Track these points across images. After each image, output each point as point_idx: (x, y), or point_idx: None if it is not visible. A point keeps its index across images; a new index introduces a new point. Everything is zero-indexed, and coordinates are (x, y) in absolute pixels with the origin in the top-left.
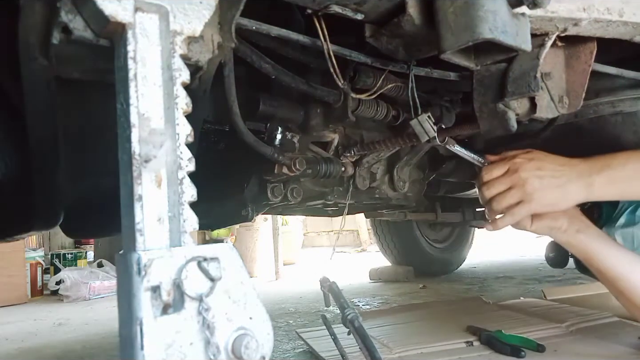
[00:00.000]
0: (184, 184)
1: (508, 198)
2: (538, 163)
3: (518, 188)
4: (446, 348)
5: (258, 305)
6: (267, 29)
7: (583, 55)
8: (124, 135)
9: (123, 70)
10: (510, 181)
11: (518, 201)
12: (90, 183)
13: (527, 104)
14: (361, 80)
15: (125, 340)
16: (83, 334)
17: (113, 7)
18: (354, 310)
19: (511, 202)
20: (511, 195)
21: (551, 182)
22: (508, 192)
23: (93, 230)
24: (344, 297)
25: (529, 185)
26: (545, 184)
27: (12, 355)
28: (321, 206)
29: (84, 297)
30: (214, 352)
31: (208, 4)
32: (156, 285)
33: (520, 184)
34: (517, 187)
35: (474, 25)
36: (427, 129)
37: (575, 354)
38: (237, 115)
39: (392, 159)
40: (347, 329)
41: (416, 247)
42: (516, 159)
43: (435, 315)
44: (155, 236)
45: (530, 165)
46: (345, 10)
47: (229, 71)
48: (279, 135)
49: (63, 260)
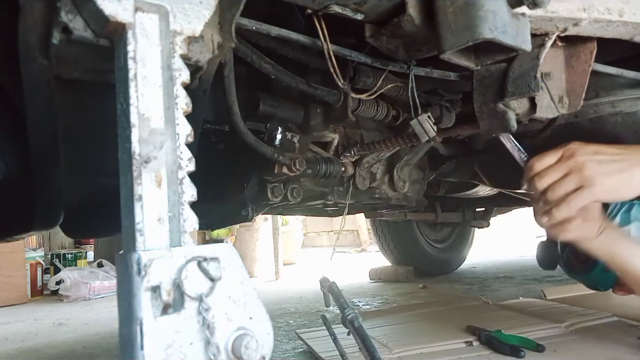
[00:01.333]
0: (184, 184)
1: (564, 185)
2: (596, 147)
3: (575, 173)
4: (446, 348)
5: (258, 305)
6: (267, 29)
7: (583, 55)
8: (124, 135)
9: (123, 70)
10: (567, 167)
11: (576, 187)
12: (90, 183)
13: (527, 104)
14: (361, 80)
15: (125, 340)
16: (83, 334)
17: (113, 7)
18: (354, 310)
19: (568, 188)
20: (568, 181)
21: (613, 167)
22: (564, 179)
23: (93, 230)
24: (344, 297)
25: (587, 168)
26: (606, 168)
27: (12, 355)
28: (321, 206)
29: (84, 297)
30: (214, 352)
31: (208, 4)
32: (156, 285)
33: (578, 168)
34: (575, 171)
35: (474, 25)
36: (427, 129)
37: (574, 353)
38: (237, 115)
39: (392, 159)
40: (347, 329)
41: (416, 247)
42: (570, 145)
43: (435, 315)
44: (155, 236)
45: (587, 149)
46: (345, 10)
47: (229, 71)
48: (279, 135)
49: (63, 260)
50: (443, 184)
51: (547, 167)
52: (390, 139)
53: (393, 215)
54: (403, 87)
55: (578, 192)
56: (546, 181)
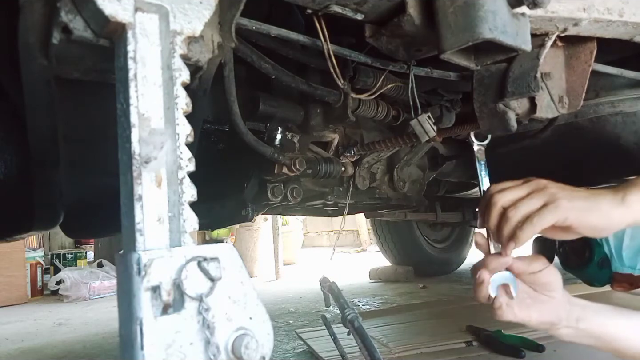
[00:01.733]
0: (184, 184)
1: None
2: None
3: (540, 191)
4: (446, 348)
5: (258, 305)
6: (267, 29)
7: (583, 55)
8: (124, 135)
9: (123, 70)
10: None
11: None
12: (90, 183)
13: (527, 104)
14: (361, 80)
15: (125, 340)
16: (83, 334)
17: (113, 7)
18: (353, 310)
19: (533, 206)
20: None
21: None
22: (528, 197)
23: (93, 230)
24: (344, 298)
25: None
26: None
27: (12, 356)
28: (321, 206)
29: (84, 297)
30: (214, 352)
31: (208, 4)
32: (156, 285)
33: (542, 188)
34: (539, 190)
35: (474, 25)
36: (427, 129)
37: (574, 353)
38: (237, 115)
39: (392, 159)
40: (347, 329)
41: (416, 247)
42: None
43: (435, 315)
44: (155, 236)
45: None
46: (345, 10)
47: (229, 71)
48: (279, 135)
49: (63, 260)
50: (443, 184)
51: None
52: (390, 139)
53: (393, 215)
54: (403, 87)
55: (544, 209)
56: (508, 197)
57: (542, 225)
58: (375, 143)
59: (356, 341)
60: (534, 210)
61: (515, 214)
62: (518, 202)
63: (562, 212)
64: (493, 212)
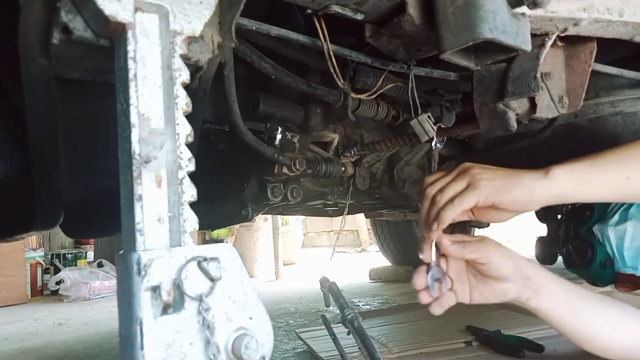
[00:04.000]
0: (184, 184)
1: (453, 186)
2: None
3: (463, 174)
4: (445, 348)
5: (258, 305)
6: (267, 29)
7: (583, 55)
8: (124, 135)
9: (123, 70)
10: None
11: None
12: (90, 183)
13: (527, 104)
14: (361, 80)
15: (125, 340)
16: (83, 334)
17: (113, 7)
18: (353, 310)
19: (457, 188)
20: (456, 182)
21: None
22: (452, 182)
23: (93, 230)
24: (344, 297)
25: (476, 171)
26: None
27: (12, 355)
28: (321, 206)
29: (84, 297)
30: (214, 352)
31: (208, 4)
32: (156, 285)
33: (464, 170)
34: (462, 173)
35: (474, 25)
36: (427, 129)
37: (574, 353)
38: (237, 115)
39: (392, 159)
40: (347, 329)
41: (416, 247)
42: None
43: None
44: (155, 236)
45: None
46: (345, 10)
47: (229, 71)
48: (279, 135)
49: (63, 260)
50: None
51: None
52: (390, 139)
53: (393, 215)
54: (403, 87)
55: (465, 191)
56: (436, 186)
57: (463, 206)
58: (375, 143)
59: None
60: (457, 192)
61: (441, 198)
62: (445, 188)
63: (482, 191)
64: (425, 203)
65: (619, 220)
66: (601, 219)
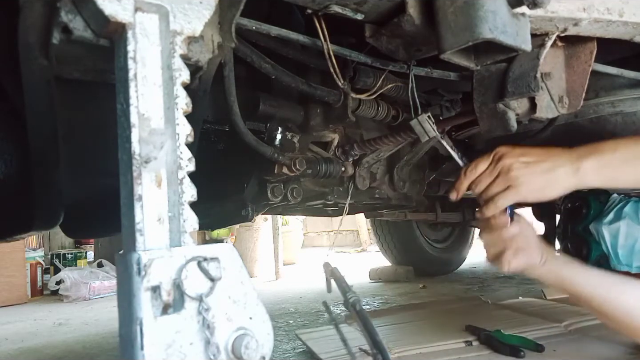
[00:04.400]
0: (184, 184)
1: (494, 187)
2: (522, 150)
3: (503, 175)
4: (445, 348)
5: (258, 305)
6: (267, 29)
7: (583, 55)
8: (124, 135)
9: (123, 70)
10: (496, 170)
11: (504, 188)
12: (90, 183)
13: (527, 104)
14: (361, 80)
15: (125, 340)
16: (83, 334)
17: (113, 7)
18: (355, 294)
19: (498, 189)
20: (497, 183)
21: (538, 167)
22: (494, 181)
23: (93, 230)
24: (346, 282)
25: (514, 170)
26: (531, 169)
27: (12, 355)
28: (321, 206)
29: (84, 297)
30: (214, 352)
31: (208, 4)
32: (156, 285)
33: (505, 170)
34: (503, 174)
35: (474, 25)
36: (427, 129)
37: (574, 353)
38: (237, 115)
39: (392, 159)
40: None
41: (416, 247)
42: (499, 148)
43: (434, 315)
44: (155, 236)
45: (514, 152)
46: (345, 10)
47: (229, 71)
48: (279, 135)
49: (63, 260)
50: (443, 184)
51: (481, 173)
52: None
53: (393, 215)
54: (403, 87)
55: (505, 192)
56: (481, 186)
57: (503, 205)
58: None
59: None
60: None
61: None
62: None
63: (521, 193)
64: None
65: (614, 218)
66: (596, 218)
